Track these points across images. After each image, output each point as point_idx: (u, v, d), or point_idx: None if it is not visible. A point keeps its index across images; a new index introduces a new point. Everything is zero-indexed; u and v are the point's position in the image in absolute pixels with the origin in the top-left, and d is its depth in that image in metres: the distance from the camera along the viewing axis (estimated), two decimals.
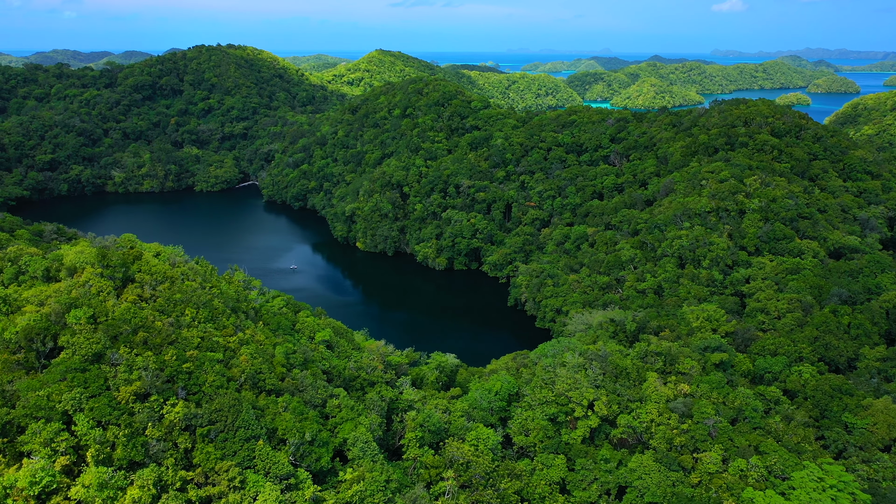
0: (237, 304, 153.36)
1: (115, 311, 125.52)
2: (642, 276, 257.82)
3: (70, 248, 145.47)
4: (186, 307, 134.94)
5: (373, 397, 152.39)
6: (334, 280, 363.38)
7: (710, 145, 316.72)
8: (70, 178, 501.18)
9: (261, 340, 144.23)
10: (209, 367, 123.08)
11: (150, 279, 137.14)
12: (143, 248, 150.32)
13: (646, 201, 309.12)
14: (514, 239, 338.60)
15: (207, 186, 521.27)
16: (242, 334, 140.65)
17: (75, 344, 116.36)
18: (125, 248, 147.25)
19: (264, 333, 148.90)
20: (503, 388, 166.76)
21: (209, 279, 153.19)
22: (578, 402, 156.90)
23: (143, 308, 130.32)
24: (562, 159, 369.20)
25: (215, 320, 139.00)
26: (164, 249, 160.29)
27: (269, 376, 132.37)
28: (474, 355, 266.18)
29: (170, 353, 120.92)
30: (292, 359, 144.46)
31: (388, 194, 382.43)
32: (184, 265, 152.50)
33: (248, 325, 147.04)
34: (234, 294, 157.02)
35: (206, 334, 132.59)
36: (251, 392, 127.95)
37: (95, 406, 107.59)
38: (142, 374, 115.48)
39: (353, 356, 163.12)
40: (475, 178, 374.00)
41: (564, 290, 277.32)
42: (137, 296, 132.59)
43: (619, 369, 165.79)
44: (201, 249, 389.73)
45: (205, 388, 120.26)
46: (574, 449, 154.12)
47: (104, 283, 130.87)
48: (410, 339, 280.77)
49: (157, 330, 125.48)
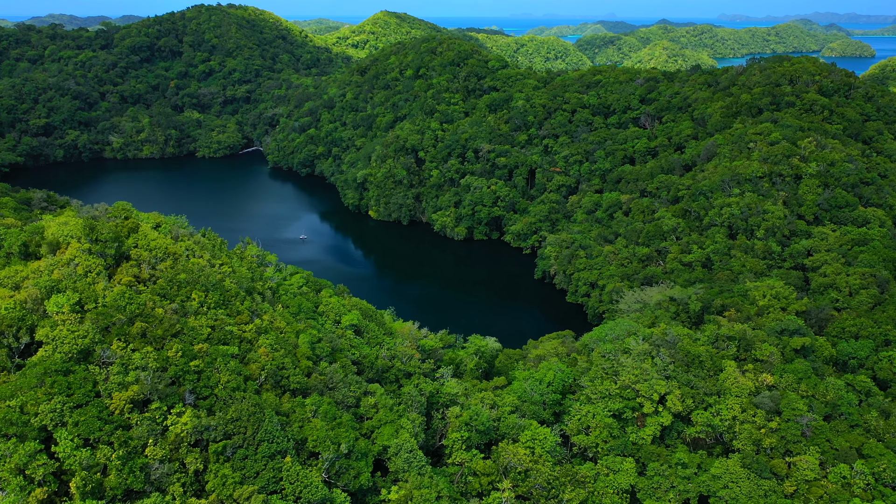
0: (252, 285, 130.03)
1: (107, 297, 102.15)
2: (687, 248, 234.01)
3: (53, 218, 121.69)
4: (193, 290, 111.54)
5: (411, 392, 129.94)
6: (345, 251, 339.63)
7: (753, 105, 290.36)
8: (66, 144, 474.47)
9: (281, 328, 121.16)
10: (222, 364, 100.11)
11: (148, 256, 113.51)
12: (139, 218, 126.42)
13: (684, 166, 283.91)
14: (539, 207, 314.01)
15: (210, 152, 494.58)
16: (260, 321, 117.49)
17: (57, 338, 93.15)
18: (118, 218, 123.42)
19: (284, 318, 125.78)
20: (556, 379, 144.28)
21: (218, 255, 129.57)
22: (648, 397, 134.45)
23: (141, 292, 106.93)
24: (588, 122, 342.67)
25: (227, 305, 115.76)
26: (165, 220, 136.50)
27: (293, 372, 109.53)
28: (503, 334, 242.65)
29: (174, 348, 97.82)
30: (318, 349, 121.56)
31: (403, 159, 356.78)
32: (188, 238, 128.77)
33: (266, 309, 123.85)
34: (247, 272, 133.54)
35: (218, 323, 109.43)
36: (273, 393, 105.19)
37: (82, 420, 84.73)
38: (140, 375, 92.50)
39: (385, 343, 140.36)
40: (495, 142, 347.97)
41: (599, 263, 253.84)
42: (133, 277, 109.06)
43: (691, 357, 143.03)
44: (204, 219, 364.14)
45: (218, 390, 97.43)
46: (644, 451, 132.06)
47: (93, 261, 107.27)
48: (429, 316, 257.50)
49: (158, 319, 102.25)
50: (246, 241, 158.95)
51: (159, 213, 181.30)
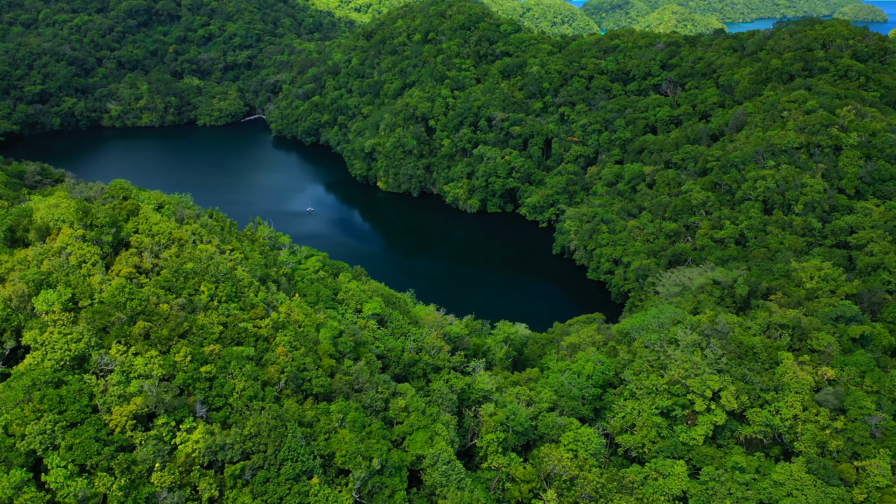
0: (265, 272, 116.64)
1: (104, 292, 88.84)
2: (719, 223, 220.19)
3: (42, 199, 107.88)
4: (201, 281, 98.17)
5: (441, 389, 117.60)
6: (354, 224, 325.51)
7: (784, 71, 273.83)
8: (62, 112, 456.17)
9: (300, 321, 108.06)
10: (237, 368, 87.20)
11: (150, 243, 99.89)
12: (139, 198, 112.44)
13: (711, 136, 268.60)
14: (556, 178, 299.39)
15: (211, 120, 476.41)
16: (276, 314, 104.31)
17: (47, 343, 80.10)
18: (116, 198, 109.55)
19: (302, 309, 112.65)
20: (596, 372, 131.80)
21: (228, 239, 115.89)
22: (700, 393, 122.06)
23: (143, 285, 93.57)
24: (606, 89, 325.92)
25: (240, 297, 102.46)
26: (168, 199, 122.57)
27: (315, 374, 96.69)
28: (522, 314, 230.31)
29: (182, 352, 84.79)
30: (341, 344, 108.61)
31: (413, 128, 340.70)
32: (194, 221, 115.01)
33: (282, 300, 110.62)
34: (260, 258, 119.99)
35: (230, 319, 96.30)
36: (294, 399, 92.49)
37: (76, 442, 72.03)
38: (143, 385, 79.68)
39: (411, 333, 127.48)
40: (509, 110, 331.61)
41: (623, 238, 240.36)
42: (134, 267, 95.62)
43: (744, 348, 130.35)
44: (207, 190, 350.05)
45: (233, 399, 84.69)
46: (696, 453, 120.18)
47: (88, 249, 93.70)
48: (442, 294, 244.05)
49: (163, 317, 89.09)
50: (257, 221, 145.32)
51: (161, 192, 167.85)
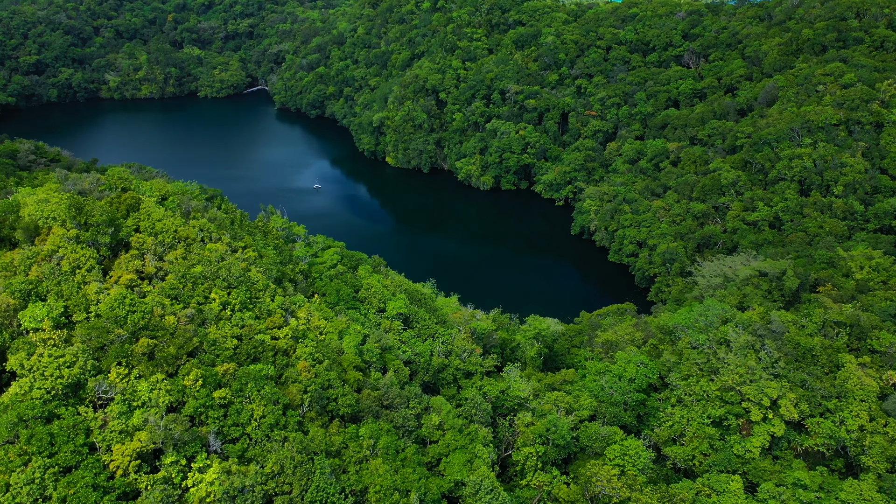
0: (281, 270, 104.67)
1: (101, 303, 77.07)
2: (751, 205, 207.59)
3: (30, 191, 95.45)
4: (212, 287, 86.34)
5: (474, 398, 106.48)
6: (362, 202, 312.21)
7: (815, 42, 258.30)
8: (59, 83, 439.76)
9: (321, 327, 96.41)
10: (255, 391, 75.79)
11: (153, 243, 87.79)
12: (140, 189, 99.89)
13: (738, 111, 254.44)
14: (574, 154, 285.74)
15: (212, 92, 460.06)
16: (295, 321, 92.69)
17: (35, 368, 68.55)
18: (114, 190, 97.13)
19: (322, 312, 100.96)
20: (639, 375, 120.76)
21: (240, 234, 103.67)
22: (756, 401, 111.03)
23: (146, 294, 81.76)
24: (625, 60, 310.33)
25: (255, 303, 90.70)
26: (172, 188, 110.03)
27: (341, 392, 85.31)
28: (541, 300, 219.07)
29: (192, 374, 73.24)
30: (366, 353, 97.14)
31: (422, 101, 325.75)
32: (201, 214, 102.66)
33: (300, 303, 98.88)
34: (274, 255, 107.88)
35: (245, 330, 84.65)
36: (319, 423, 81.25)
37: (71, 493, 60.76)
38: (148, 416, 68.31)
39: (439, 334, 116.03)
40: (523, 82, 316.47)
41: (648, 219, 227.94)
42: (135, 272, 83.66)
43: (801, 350, 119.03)
44: (209, 166, 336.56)
45: (251, 429, 73.40)
46: (753, 467, 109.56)
47: (82, 252, 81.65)
48: (455, 278, 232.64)
49: (170, 331, 77.43)
50: (269, 211, 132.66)
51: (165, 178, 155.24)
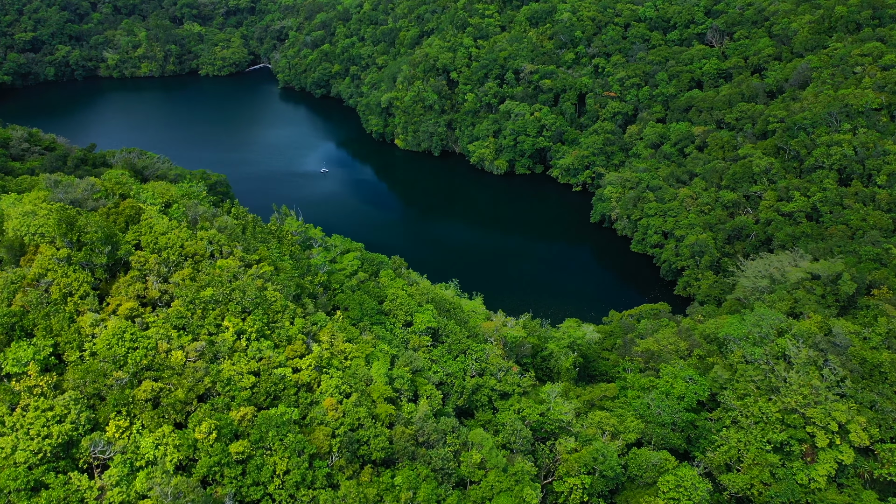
0: (300, 283, 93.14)
1: (97, 338, 65.73)
2: (786, 194, 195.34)
3: (16, 199, 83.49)
4: (225, 313, 74.98)
5: (513, 424, 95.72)
6: (369, 187, 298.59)
7: (850, 20, 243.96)
8: (56, 61, 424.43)
9: (346, 351, 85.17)
10: (276, 441, 64.82)
11: (156, 262, 76.19)
12: (140, 196, 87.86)
13: (768, 93, 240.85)
14: (592, 138, 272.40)
15: (213, 70, 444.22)
16: (318, 346, 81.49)
17: (19, 425, 57.41)
18: (111, 197, 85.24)
19: (346, 333, 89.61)
20: (689, 392, 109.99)
21: (253, 245, 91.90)
22: (823, 426, 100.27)
23: (149, 325, 70.38)
24: (644, 38, 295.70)
25: (273, 328, 79.43)
26: (176, 190, 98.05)
27: (372, 431, 74.38)
28: (561, 295, 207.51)
29: (205, 425, 62.10)
30: (397, 380, 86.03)
31: (433, 81, 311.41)
32: (210, 222, 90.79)
33: (322, 322, 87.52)
34: (291, 266, 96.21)
35: (263, 363, 73.46)
36: (350, 471, 70.34)
37: None
38: (154, 481, 57.26)
39: (471, 350, 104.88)
40: (538, 61, 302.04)
41: (674, 208, 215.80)
42: (136, 298, 72.17)
43: (868, 366, 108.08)
44: (212, 149, 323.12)
45: (273, 488, 62.44)
46: (820, 498, 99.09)
47: (75, 276, 70.12)
48: (467, 267, 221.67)
49: (177, 370, 66.18)
50: (283, 213, 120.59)
51: (167, 166, 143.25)
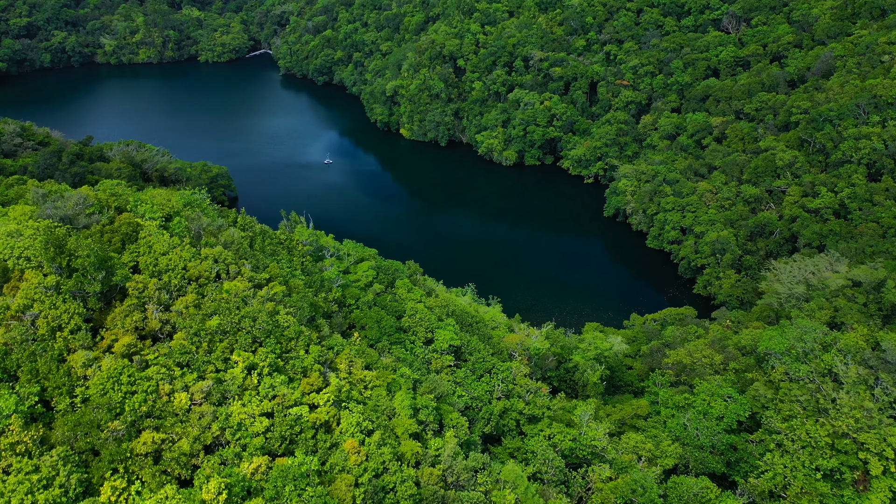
0: (314, 301, 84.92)
1: (90, 382, 57.59)
2: (812, 190, 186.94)
3: None
4: (233, 345, 66.83)
5: (544, 453, 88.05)
6: (374, 178, 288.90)
7: (874, 6, 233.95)
8: (52, 47, 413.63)
9: (366, 380, 77.16)
10: (294, 496, 56.93)
11: (157, 287, 67.88)
12: (138, 209, 79.32)
13: (789, 82, 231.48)
14: (604, 128, 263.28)
15: (213, 56, 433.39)
16: (336, 377, 73.49)
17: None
18: (106, 211, 76.78)
19: (365, 357, 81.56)
20: (729, 412, 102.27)
21: (263, 261, 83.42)
22: (877, 452, 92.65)
23: (149, 364, 62.19)
24: (658, 24, 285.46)
25: (286, 358, 71.34)
26: (178, 198, 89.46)
27: (399, 476, 66.60)
28: (577, 294, 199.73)
29: (213, 484, 54.10)
30: (422, 411, 78.10)
31: (439, 69, 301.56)
32: (216, 237, 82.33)
33: (338, 346, 79.47)
34: (304, 283, 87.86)
35: (277, 401, 65.45)
36: None
37: None
38: None
39: (496, 369, 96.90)
40: (548, 48, 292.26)
41: (693, 203, 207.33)
42: (134, 331, 63.97)
43: None
44: (213, 139, 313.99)
45: None
46: None
47: (65, 308, 61.85)
48: (475, 262, 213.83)
49: (180, 417, 58.12)
50: (292, 220, 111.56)
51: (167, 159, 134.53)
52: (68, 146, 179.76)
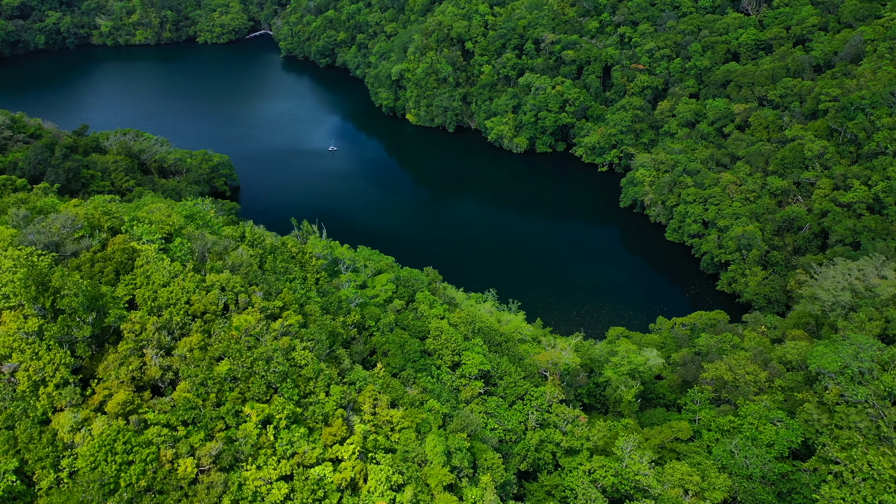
0: (333, 328, 75.71)
1: (80, 451, 48.49)
2: (844, 183, 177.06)
3: None
4: (245, 395, 57.68)
5: (584, 490, 79.52)
6: (380, 165, 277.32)
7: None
8: (47, 28, 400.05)
9: (392, 420, 68.26)
10: None
11: (156, 326, 58.59)
12: (134, 230, 69.59)
13: (814, 67, 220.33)
14: (619, 114, 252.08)
15: (212, 38, 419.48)
16: (360, 421, 64.55)
17: None
18: (98, 233, 67.18)
19: (389, 393, 72.59)
20: (780, 439, 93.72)
21: (275, 285, 73.91)
22: None
23: (148, 424, 53.04)
24: (674, 5, 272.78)
25: (305, 404, 62.29)
26: (180, 212, 79.74)
27: None
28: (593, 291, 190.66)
29: None
30: (455, 454, 69.33)
31: (447, 52, 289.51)
32: (223, 261, 72.77)
33: (360, 381, 70.48)
34: (319, 307, 78.52)
35: (296, 459, 56.51)
36: None
37: None
38: None
39: (529, 395, 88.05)
40: (559, 30, 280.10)
41: (716, 195, 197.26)
42: (130, 382, 54.76)
43: None
44: (213, 124, 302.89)
45: None
46: None
47: (49, 358, 52.61)
48: (485, 255, 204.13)
49: (185, 490, 49.18)
50: (304, 229, 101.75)
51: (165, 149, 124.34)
52: (62, 138, 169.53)
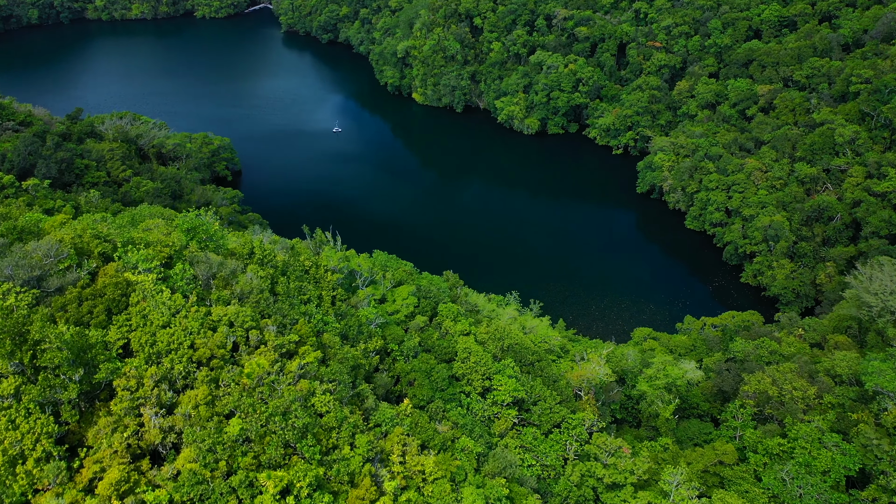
0: (355, 359, 67.03)
1: None
2: (878, 171, 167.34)
3: None
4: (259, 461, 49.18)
5: None
6: (385, 147, 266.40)
7: None
8: (40, 3, 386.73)
9: (424, 470, 59.95)
10: None
11: (154, 378, 49.90)
12: (129, 257, 60.45)
13: (843, 46, 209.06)
14: (635, 95, 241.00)
15: (210, 12, 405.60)
16: (389, 476, 56.31)
17: None
18: (88, 261, 58.05)
19: (419, 434, 64.20)
20: (836, 466, 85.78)
21: (290, 314, 64.92)
22: None
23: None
24: None
25: (328, 462, 53.94)
26: (181, 224, 70.54)
27: None
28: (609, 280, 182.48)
29: None
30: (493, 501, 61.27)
31: (455, 28, 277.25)
32: (230, 289, 63.69)
33: (387, 423, 62.15)
34: (337, 334, 69.76)
35: None
36: None
37: None
38: None
39: (567, 423, 79.85)
40: (572, 5, 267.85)
41: (740, 182, 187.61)
42: (125, 451, 46.11)
43: None
44: (213, 104, 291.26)
45: None
46: None
47: (28, 427, 44.02)
48: (496, 244, 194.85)
49: None
50: (317, 238, 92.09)
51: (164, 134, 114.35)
52: (54, 125, 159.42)
